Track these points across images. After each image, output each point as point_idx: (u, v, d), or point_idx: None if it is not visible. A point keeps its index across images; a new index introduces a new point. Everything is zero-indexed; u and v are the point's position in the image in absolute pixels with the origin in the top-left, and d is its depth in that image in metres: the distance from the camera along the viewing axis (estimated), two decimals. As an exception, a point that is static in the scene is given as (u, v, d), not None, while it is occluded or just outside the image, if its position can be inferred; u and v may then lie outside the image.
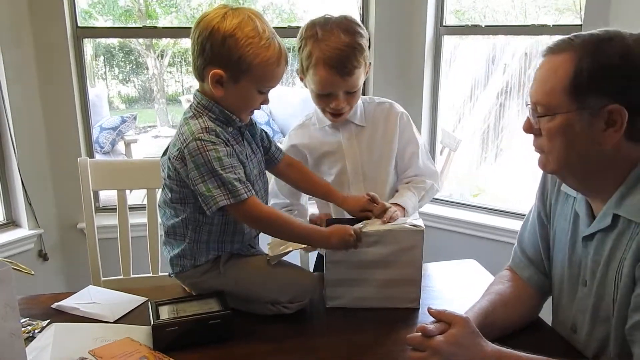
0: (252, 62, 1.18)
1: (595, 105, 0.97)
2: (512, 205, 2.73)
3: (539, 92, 1.04)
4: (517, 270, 1.29)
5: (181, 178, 1.22)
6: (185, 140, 1.19)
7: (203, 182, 1.17)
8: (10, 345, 0.92)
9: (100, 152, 4.96)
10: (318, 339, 1.25)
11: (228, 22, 1.16)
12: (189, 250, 1.29)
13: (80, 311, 1.32)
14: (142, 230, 1.81)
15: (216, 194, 1.16)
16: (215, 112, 1.23)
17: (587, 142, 1.00)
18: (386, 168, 1.61)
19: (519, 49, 3.65)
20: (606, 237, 1.05)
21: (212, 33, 1.17)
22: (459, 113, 3.87)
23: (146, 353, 1.12)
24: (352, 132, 1.59)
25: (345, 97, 1.47)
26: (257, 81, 1.21)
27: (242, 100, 1.24)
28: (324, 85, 1.45)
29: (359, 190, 1.57)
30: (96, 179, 1.73)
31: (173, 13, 6.53)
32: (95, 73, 7.15)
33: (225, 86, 1.20)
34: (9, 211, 2.54)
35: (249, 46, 1.17)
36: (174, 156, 1.21)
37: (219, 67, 1.18)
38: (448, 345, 0.98)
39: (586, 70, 0.97)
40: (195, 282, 1.33)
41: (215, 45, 1.17)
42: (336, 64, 1.40)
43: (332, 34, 1.41)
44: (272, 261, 1.31)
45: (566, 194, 1.17)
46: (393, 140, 1.60)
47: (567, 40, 1.02)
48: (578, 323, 1.14)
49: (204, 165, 1.16)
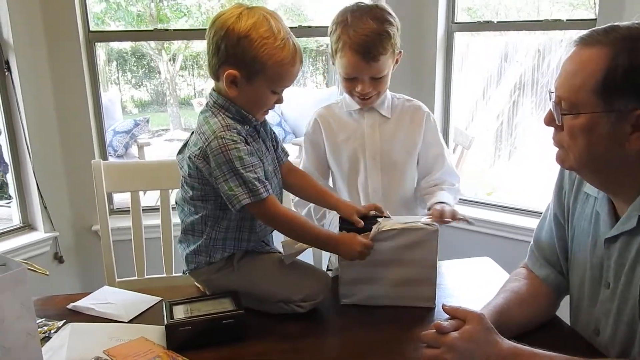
0: (266, 62, 1.18)
1: (625, 108, 0.92)
2: (526, 203, 2.70)
3: (564, 87, 0.98)
4: (534, 268, 1.27)
5: (203, 176, 1.23)
6: (207, 139, 1.19)
7: (225, 181, 1.18)
8: (27, 344, 0.93)
9: (114, 155, 5.00)
10: (332, 338, 1.24)
11: (243, 22, 1.16)
12: (205, 247, 1.30)
13: (95, 311, 1.32)
14: (156, 232, 1.82)
15: (238, 193, 1.18)
16: (231, 111, 1.24)
17: (610, 144, 0.96)
18: (405, 163, 1.61)
19: (532, 45, 3.62)
20: (632, 239, 1.01)
21: (227, 33, 1.17)
22: (472, 111, 3.85)
23: (160, 352, 1.13)
24: (376, 120, 1.60)
25: (371, 83, 1.49)
26: (271, 81, 1.22)
27: (256, 100, 1.24)
28: (350, 69, 1.48)
29: (375, 179, 1.59)
30: (110, 181, 1.74)
31: (184, 17, 6.57)
32: (108, 78, 7.22)
33: (240, 86, 1.21)
34: (25, 214, 2.57)
35: (264, 47, 1.17)
36: (196, 155, 1.22)
37: (233, 67, 1.19)
38: (463, 342, 0.97)
39: (620, 70, 0.90)
40: (209, 279, 1.34)
41: (230, 45, 1.17)
42: (361, 49, 1.43)
43: (361, 20, 1.44)
44: (286, 260, 1.31)
45: (587, 193, 1.13)
46: (417, 137, 1.61)
47: (601, 32, 0.94)
48: (601, 326, 1.10)
49: (226, 164, 1.18)
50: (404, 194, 1.64)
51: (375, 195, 1.60)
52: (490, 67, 3.75)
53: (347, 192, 1.64)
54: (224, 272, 1.31)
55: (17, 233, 2.53)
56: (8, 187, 2.66)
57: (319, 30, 2.79)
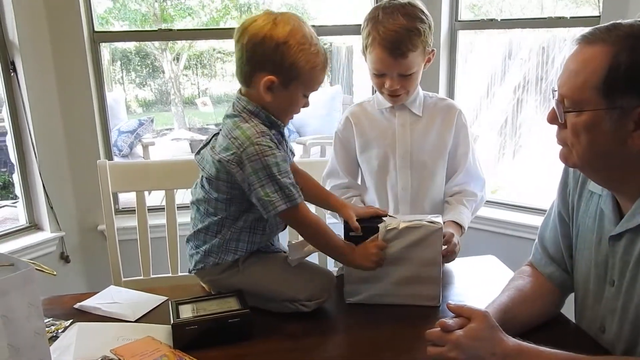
0: (303, 68, 1.21)
1: (627, 105, 0.92)
2: (531, 201, 2.69)
3: (567, 85, 0.98)
4: (538, 266, 1.27)
5: (233, 180, 1.23)
6: (241, 145, 1.19)
7: (261, 187, 1.19)
8: (35, 343, 0.94)
9: (119, 155, 5.02)
10: (337, 336, 1.25)
11: (280, 29, 1.18)
12: (218, 247, 1.30)
13: (102, 311, 1.33)
14: (161, 231, 1.82)
15: (274, 199, 1.18)
16: (261, 117, 1.24)
17: (613, 142, 0.96)
18: (435, 163, 1.60)
19: (536, 43, 3.61)
20: (636, 236, 1.01)
21: (264, 40, 1.18)
22: (476, 109, 3.84)
23: (166, 352, 1.13)
24: (407, 119, 1.59)
25: (399, 80, 1.49)
26: (305, 86, 1.25)
27: (289, 104, 1.27)
28: (378, 65, 1.48)
29: (404, 178, 1.58)
30: (115, 181, 1.75)
31: (187, 17, 6.58)
32: (113, 78, 7.24)
33: (275, 92, 1.22)
34: (31, 214, 2.58)
35: (301, 53, 1.20)
36: (229, 159, 1.20)
37: (270, 73, 1.20)
38: (468, 340, 0.97)
39: (622, 68, 0.90)
40: (214, 279, 1.34)
41: (267, 51, 1.18)
42: (390, 45, 1.43)
43: (392, 17, 1.44)
44: (291, 263, 1.32)
45: (591, 191, 1.13)
46: (447, 136, 1.60)
47: (603, 30, 0.95)
48: (606, 323, 1.10)
49: (263, 170, 1.18)
50: (434, 195, 1.62)
51: (405, 194, 1.59)
52: (494, 65, 3.74)
53: (376, 191, 1.63)
54: (230, 273, 1.32)
55: (23, 233, 2.54)
56: (14, 187, 2.68)
57: (322, 29, 2.79)
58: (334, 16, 5.97)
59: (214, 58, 7.84)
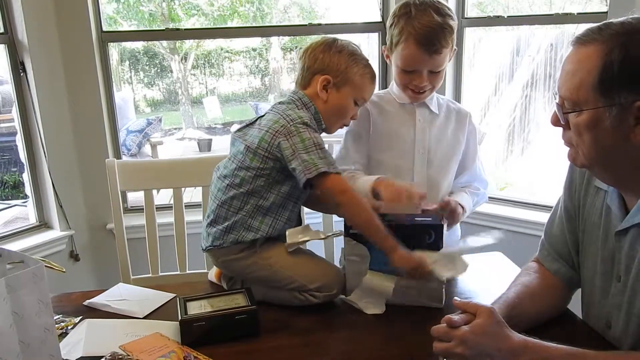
0: (355, 74, 1.39)
1: (625, 101, 0.93)
2: (539, 198, 2.68)
3: (565, 86, 1.00)
4: (545, 262, 1.27)
5: (272, 151, 1.29)
6: (293, 120, 1.30)
7: (307, 152, 1.26)
8: (45, 340, 0.95)
9: (127, 154, 5.05)
10: (344, 333, 1.25)
11: (339, 43, 1.41)
12: (241, 224, 1.32)
13: (111, 308, 1.35)
14: (169, 230, 1.84)
15: (318, 162, 1.25)
16: (311, 111, 1.38)
17: (616, 138, 0.96)
18: (450, 160, 1.61)
19: (544, 40, 3.59)
20: None
21: (326, 48, 1.40)
22: (484, 106, 3.83)
23: (175, 348, 1.14)
24: (426, 116, 1.60)
25: (429, 76, 1.50)
26: (355, 90, 1.41)
27: (339, 107, 1.41)
28: (410, 61, 1.48)
29: (420, 173, 1.58)
30: (124, 180, 1.76)
31: (195, 16, 6.60)
32: (121, 77, 7.28)
33: (330, 91, 1.39)
34: (41, 213, 2.61)
35: (354, 60, 1.40)
36: (277, 130, 1.29)
37: (327, 73, 1.38)
38: (474, 336, 0.97)
39: (616, 65, 0.92)
40: (229, 259, 1.35)
41: (327, 57, 1.39)
42: (425, 41, 1.44)
43: (425, 13, 1.46)
44: (289, 248, 1.33)
45: (597, 187, 1.14)
46: (461, 137, 1.62)
47: (595, 30, 0.97)
48: (613, 319, 1.11)
49: (310, 140, 1.28)
50: (442, 193, 1.62)
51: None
52: (501, 62, 3.73)
53: None
54: (247, 253, 1.33)
55: (33, 232, 2.57)
56: (24, 186, 2.71)
57: (328, 27, 2.80)
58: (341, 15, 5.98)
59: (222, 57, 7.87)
